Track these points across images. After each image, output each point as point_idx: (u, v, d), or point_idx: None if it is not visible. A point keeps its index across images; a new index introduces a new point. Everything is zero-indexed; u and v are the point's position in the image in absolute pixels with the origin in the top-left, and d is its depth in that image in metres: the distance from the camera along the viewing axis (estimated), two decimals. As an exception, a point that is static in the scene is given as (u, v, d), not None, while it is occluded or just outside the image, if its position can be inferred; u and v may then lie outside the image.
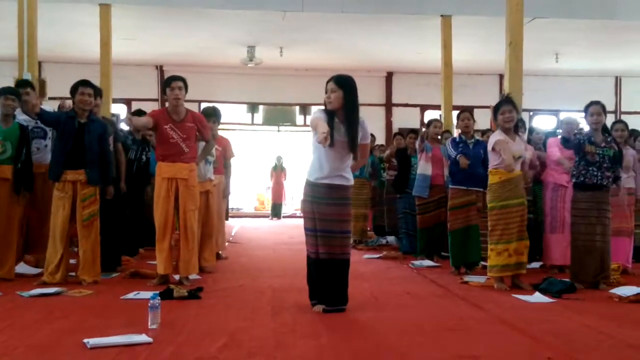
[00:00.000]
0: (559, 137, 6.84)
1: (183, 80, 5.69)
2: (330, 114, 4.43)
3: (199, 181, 5.93)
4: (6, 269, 5.64)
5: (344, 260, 4.48)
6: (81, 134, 5.56)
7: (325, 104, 4.47)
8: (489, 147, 5.61)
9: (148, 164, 7.50)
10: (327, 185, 4.42)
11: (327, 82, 4.47)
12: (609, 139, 5.70)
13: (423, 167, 7.49)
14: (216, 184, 6.82)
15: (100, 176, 5.65)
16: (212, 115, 6.56)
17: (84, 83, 5.70)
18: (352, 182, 4.54)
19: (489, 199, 5.61)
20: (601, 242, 5.58)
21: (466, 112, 6.78)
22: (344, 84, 4.43)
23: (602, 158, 5.61)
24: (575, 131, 5.96)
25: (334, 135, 4.33)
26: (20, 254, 6.11)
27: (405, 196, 8.18)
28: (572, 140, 5.80)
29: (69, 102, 5.91)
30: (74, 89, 5.63)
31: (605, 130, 5.76)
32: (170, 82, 5.64)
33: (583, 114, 5.82)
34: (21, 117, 6.16)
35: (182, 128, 5.55)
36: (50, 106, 6.74)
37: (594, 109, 5.68)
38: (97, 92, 6.33)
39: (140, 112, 7.29)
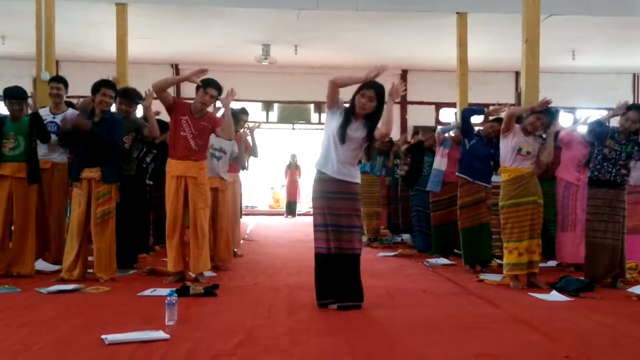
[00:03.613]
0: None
1: (220, 90, 5.60)
2: (347, 112, 4.49)
3: (208, 176, 5.90)
4: (27, 266, 5.71)
5: (354, 256, 4.49)
6: (95, 132, 5.59)
7: (353, 103, 4.50)
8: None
9: (157, 169, 7.35)
10: (335, 180, 4.46)
11: (366, 87, 4.47)
12: (631, 137, 5.64)
13: (438, 162, 7.51)
14: (231, 182, 6.82)
15: (114, 173, 5.63)
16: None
17: (107, 84, 5.68)
18: (358, 179, 4.56)
19: (500, 197, 5.61)
20: (612, 240, 5.53)
21: (497, 122, 6.32)
22: (381, 98, 4.49)
23: (618, 155, 5.56)
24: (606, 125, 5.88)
25: (347, 133, 4.43)
26: (39, 251, 6.19)
27: (419, 194, 8.19)
28: (601, 129, 5.73)
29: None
30: (95, 89, 5.63)
31: (634, 133, 5.67)
32: (206, 86, 5.54)
33: (602, 111, 5.78)
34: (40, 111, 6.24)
35: (196, 125, 5.55)
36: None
37: (633, 115, 5.58)
38: (134, 98, 6.29)
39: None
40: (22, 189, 5.73)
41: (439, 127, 7.65)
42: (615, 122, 6.23)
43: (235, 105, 7.18)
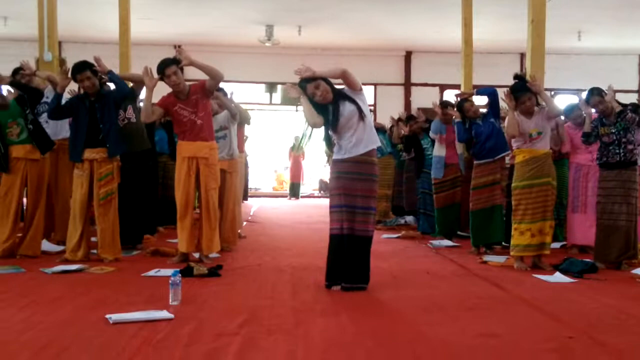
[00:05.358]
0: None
1: (175, 62, 5.44)
2: (321, 106, 4.45)
3: None
4: (33, 247, 5.74)
5: (366, 238, 4.46)
6: (93, 112, 5.58)
7: (317, 104, 4.44)
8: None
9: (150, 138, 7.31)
10: (351, 159, 4.42)
11: (304, 85, 4.42)
12: (619, 112, 5.55)
13: (438, 149, 7.53)
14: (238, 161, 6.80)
15: (118, 146, 5.63)
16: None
17: (79, 69, 5.54)
18: (374, 144, 4.48)
19: (514, 178, 5.57)
20: (626, 222, 5.50)
21: (467, 102, 6.62)
22: (320, 77, 4.41)
23: (618, 135, 5.52)
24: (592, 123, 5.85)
25: (338, 116, 4.40)
26: (45, 232, 6.21)
27: (424, 175, 8.18)
28: (593, 135, 5.72)
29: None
30: (72, 78, 5.57)
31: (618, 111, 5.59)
32: (162, 71, 5.41)
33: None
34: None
35: (189, 103, 5.52)
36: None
37: (594, 100, 5.62)
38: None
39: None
40: (35, 171, 5.78)
41: (431, 132, 7.70)
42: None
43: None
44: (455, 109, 6.77)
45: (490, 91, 6.50)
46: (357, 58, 15.10)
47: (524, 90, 5.45)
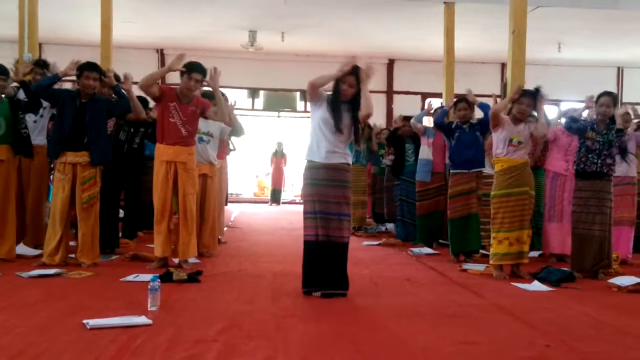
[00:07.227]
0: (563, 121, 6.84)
1: (204, 73, 5.52)
2: (334, 102, 4.48)
3: (197, 162, 5.86)
4: (6, 249, 5.64)
5: (342, 244, 4.48)
6: (82, 114, 5.52)
7: (337, 90, 4.48)
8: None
9: (141, 149, 7.34)
10: (326, 167, 4.44)
11: (348, 73, 4.44)
12: (611, 126, 5.65)
13: (426, 152, 7.51)
14: (218, 168, 6.79)
15: (103, 155, 5.60)
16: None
17: (90, 67, 5.56)
18: (349, 166, 4.56)
19: (492, 187, 5.61)
20: (600, 232, 5.57)
21: (463, 102, 6.64)
22: (360, 82, 4.46)
23: (602, 145, 5.59)
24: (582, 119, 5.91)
25: (342, 122, 4.45)
26: (20, 235, 6.12)
27: (402, 183, 8.20)
28: (577, 124, 5.76)
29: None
30: (79, 72, 5.53)
31: (612, 121, 5.68)
32: (190, 72, 5.44)
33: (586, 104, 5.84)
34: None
35: (184, 110, 5.51)
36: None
37: (605, 100, 5.63)
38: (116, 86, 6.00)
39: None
40: (2, 172, 5.64)
41: (413, 118, 7.63)
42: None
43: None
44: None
45: (487, 107, 6.49)
46: (340, 65, 15.09)
47: (530, 97, 5.48)
